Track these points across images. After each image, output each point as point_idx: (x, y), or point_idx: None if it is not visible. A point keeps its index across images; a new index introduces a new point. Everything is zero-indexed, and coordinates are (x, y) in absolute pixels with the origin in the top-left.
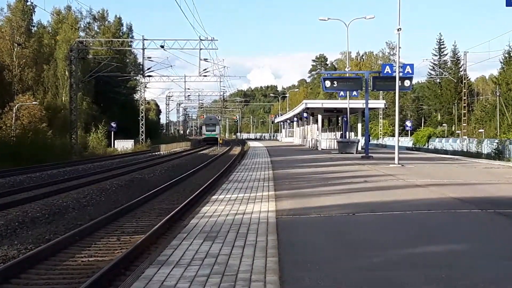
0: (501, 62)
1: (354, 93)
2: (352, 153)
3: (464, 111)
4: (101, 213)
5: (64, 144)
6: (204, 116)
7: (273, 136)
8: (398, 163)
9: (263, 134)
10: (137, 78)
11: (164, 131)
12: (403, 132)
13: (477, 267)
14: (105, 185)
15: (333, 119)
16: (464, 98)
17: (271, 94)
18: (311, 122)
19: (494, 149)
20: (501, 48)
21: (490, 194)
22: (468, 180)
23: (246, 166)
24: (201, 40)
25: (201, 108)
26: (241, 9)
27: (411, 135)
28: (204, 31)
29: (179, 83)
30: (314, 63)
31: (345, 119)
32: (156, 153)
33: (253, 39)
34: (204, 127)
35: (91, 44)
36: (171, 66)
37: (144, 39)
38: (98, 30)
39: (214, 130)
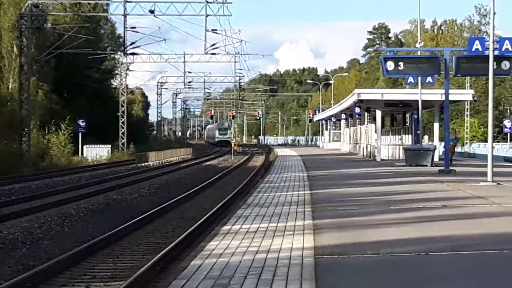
0: None
1: (429, 79)
2: (426, 165)
3: None
4: (63, 250)
5: (10, 151)
6: (212, 111)
7: (312, 140)
8: (492, 181)
9: (297, 138)
10: (116, 56)
11: (155, 132)
12: (499, 136)
13: None
14: (69, 210)
15: (398, 116)
16: None
17: (308, 81)
18: (366, 120)
19: None
20: None
21: None
22: None
23: (272, 184)
24: (208, 2)
25: (208, 100)
26: None
27: (511, 141)
28: None
29: (176, 65)
30: (371, 36)
31: (416, 116)
32: (143, 164)
33: (282, 1)
34: (217, 132)
35: (50, 8)
36: (165, 40)
37: (127, 1)
38: None
39: (226, 134)
